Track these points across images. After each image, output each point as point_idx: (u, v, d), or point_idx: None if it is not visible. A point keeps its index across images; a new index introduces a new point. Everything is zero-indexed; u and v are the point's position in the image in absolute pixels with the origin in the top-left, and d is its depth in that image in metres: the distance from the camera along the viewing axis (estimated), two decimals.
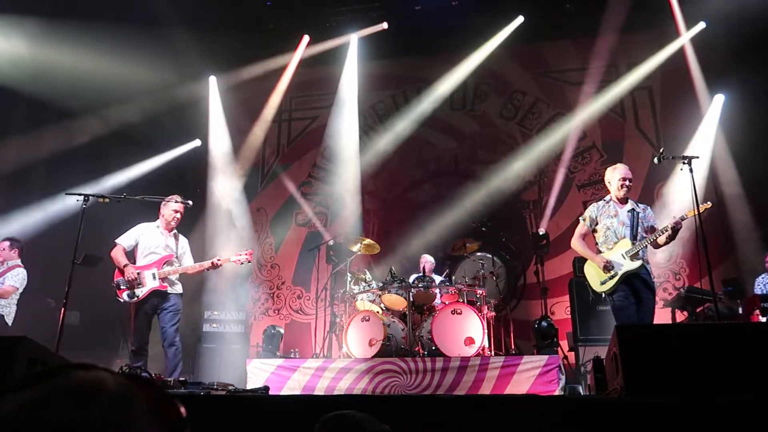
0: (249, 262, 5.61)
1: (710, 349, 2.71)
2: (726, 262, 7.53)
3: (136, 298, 5.25)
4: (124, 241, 5.50)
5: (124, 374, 0.64)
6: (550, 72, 9.05)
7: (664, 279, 7.81)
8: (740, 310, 6.05)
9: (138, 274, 5.28)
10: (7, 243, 6.35)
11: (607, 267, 4.58)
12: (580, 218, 5.04)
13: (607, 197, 4.95)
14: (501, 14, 8.84)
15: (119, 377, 0.62)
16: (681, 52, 8.35)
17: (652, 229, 4.74)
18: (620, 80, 8.63)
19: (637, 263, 4.56)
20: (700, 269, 4.52)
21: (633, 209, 4.82)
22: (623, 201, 4.86)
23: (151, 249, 5.47)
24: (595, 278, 4.73)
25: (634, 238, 4.67)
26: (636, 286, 4.58)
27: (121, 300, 5.32)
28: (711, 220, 7.64)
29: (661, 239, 4.61)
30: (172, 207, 5.50)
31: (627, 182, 4.82)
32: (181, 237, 5.64)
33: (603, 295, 4.73)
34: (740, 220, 7.58)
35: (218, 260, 5.42)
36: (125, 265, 5.33)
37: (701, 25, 8.20)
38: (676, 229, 4.51)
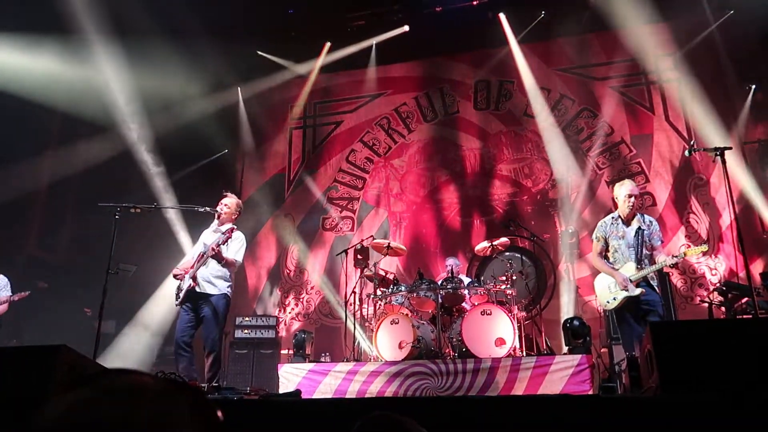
0: (229, 238, 5.25)
1: (749, 345, 2.64)
2: (764, 255, 7.33)
3: (178, 301, 5.30)
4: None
5: (164, 379, 0.66)
6: (573, 68, 8.94)
7: (700, 274, 7.64)
8: None
9: (181, 276, 5.33)
10: None
11: (625, 285, 4.76)
12: (593, 238, 5.21)
13: (615, 214, 5.08)
14: (523, 11, 8.79)
15: (160, 381, 0.65)
16: (710, 41, 8.16)
17: (652, 248, 4.90)
18: (647, 73, 8.48)
19: (637, 291, 4.72)
20: (737, 263, 4.43)
21: (639, 227, 4.92)
22: (630, 218, 4.97)
23: (196, 249, 5.56)
24: (602, 296, 4.96)
25: (638, 261, 4.83)
26: (635, 307, 4.76)
27: (176, 305, 5.37)
28: (747, 213, 7.47)
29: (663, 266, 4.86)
30: (221, 201, 5.59)
31: (633, 199, 4.94)
32: (233, 233, 5.34)
33: (606, 313, 5.10)
34: None
35: (213, 247, 5.16)
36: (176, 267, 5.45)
37: (729, 14, 8.01)
38: (674, 266, 4.81)
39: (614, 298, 4.83)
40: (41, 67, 7.43)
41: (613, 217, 5.07)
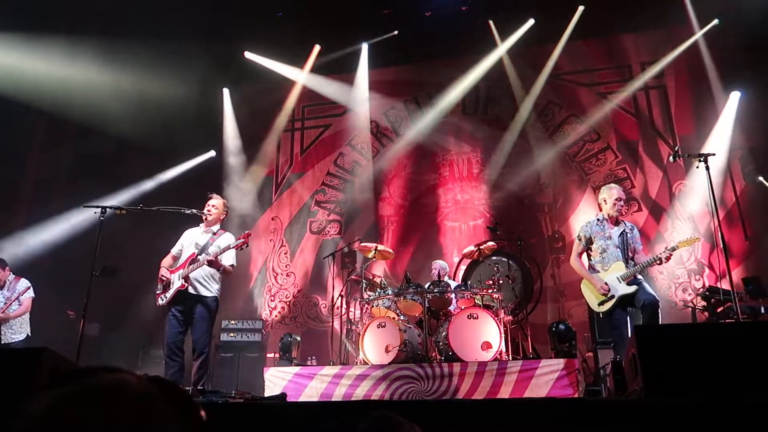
0: (247, 245, 5.29)
1: (731, 349, 2.67)
2: (747, 261, 7.43)
3: (164, 301, 5.22)
4: (174, 247, 5.55)
5: (148, 378, 0.65)
6: (562, 74, 9.02)
7: (684, 279, 7.71)
8: (762, 309, 5.96)
9: (168, 276, 5.26)
10: None
11: (605, 290, 4.83)
12: (575, 237, 5.29)
13: (600, 216, 5.18)
14: (511, 18, 8.85)
15: (142, 379, 0.64)
16: (695, 49, 8.28)
17: (635, 251, 5.01)
18: (634, 80, 8.58)
19: (632, 288, 4.77)
20: (720, 269, 4.52)
21: (623, 230, 5.05)
22: (615, 221, 5.09)
23: (183, 248, 5.48)
24: (593, 299, 4.99)
25: (626, 261, 4.92)
26: (631, 305, 4.81)
27: (158, 304, 5.29)
28: (730, 219, 7.57)
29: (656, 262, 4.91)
30: (208, 203, 5.54)
31: (621, 202, 5.09)
32: (223, 235, 5.38)
33: (600, 314, 4.97)
34: (759, 218, 7.48)
35: (212, 256, 5.14)
36: (161, 267, 5.35)
37: (714, 22, 8.13)
38: (667, 260, 4.82)
39: (609, 299, 4.83)
40: (28, 68, 7.35)
41: (598, 219, 5.16)
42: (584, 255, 5.27)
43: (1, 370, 2.64)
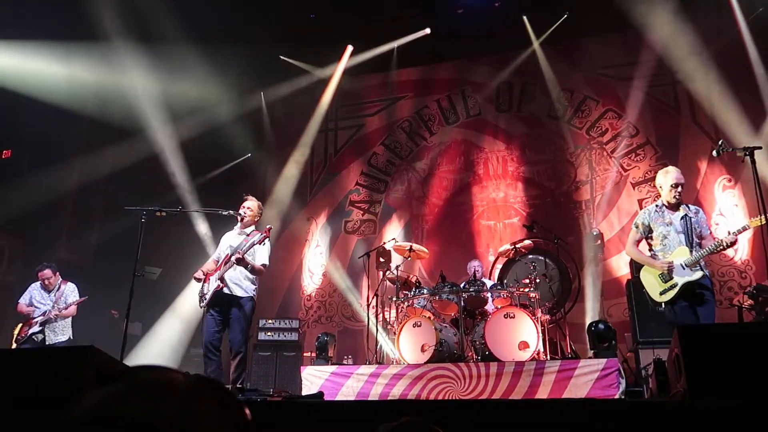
0: (267, 237, 5.31)
1: None
2: None
3: (204, 303, 5.30)
4: (214, 253, 5.64)
5: (194, 376, 0.67)
6: (597, 68, 8.84)
7: (729, 278, 7.48)
8: None
9: (204, 278, 5.34)
10: (50, 270, 6.68)
11: (670, 266, 4.47)
12: (632, 225, 4.95)
13: (659, 202, 4.82)
14: (545, 12, 8.72)
15: (189, 378, 0.66)
16: (739, 40, 7.99)
17: (701, 236, 4.62)
18: (673, 72, 8.34)
19: (698, 274, 4.43)
20: None
21: (686, 215, 4.67)
22: (675, 207, 4.72)
23: (220, 251, 5.57)
24: (655, 288, 4.60)
25: (690, 246, 4.55)
26: (696, 295, 4.44)
27: (200, 306, 5.38)
28: None
29: (720, 247, 4.51)
30: (243, 204, 5.59)
31: (679, 188, 4.68)
32: (257, 236, 5.37)
33: (662, 304, 4.56)
34: None
35: (239, 254, 5.16)
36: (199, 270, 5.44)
37: (759, 11, 7.84)
38: (734, 242, 4.44)
39: (671, 287, 4.46)
40: (70, 74, 7.59)
41: (657, 206, 4.81)
42: (642, 244, 4.91)
43: (48, 367, 2.73)
